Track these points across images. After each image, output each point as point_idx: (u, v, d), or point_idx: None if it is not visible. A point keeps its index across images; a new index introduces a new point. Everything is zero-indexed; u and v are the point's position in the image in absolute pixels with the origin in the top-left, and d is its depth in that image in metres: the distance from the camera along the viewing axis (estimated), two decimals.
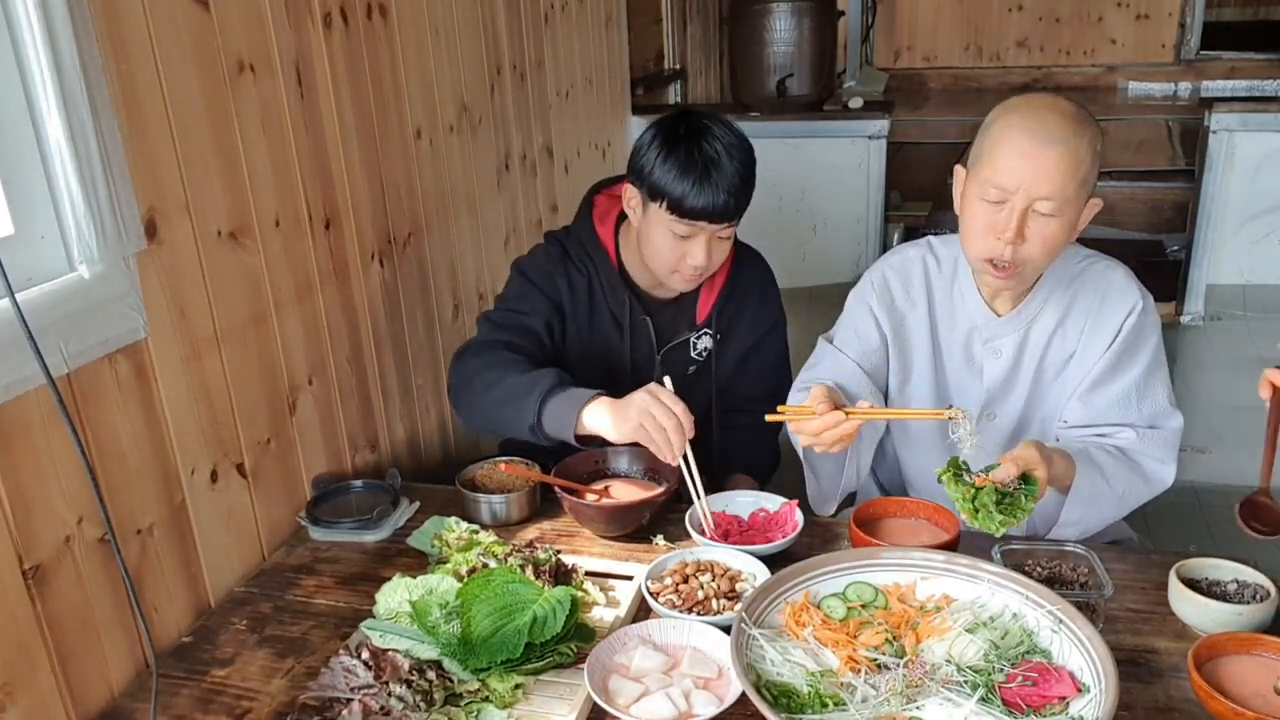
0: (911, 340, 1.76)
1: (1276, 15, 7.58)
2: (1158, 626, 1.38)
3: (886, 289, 1.76)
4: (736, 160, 1.72)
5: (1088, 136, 1.49)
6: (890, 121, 4.19)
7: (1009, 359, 1.69)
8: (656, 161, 1.72)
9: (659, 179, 1.71)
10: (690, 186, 1.69)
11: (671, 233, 1.74)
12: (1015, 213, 1.49)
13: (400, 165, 2.09)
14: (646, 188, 1.74)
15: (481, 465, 1.80)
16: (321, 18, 1.79)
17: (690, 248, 1.75)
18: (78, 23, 1.25)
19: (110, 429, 1.36)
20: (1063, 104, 1.52)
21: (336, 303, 1.88)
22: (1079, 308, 1.66)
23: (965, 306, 1.70)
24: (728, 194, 1.70)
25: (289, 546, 1.69)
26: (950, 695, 1.16)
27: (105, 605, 1.35)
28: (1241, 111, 3.95)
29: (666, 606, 1.40)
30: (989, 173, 1.51)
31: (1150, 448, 1.63)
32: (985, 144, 1.54)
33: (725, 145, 1.71)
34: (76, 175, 1.26)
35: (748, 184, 1.75)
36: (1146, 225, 4.70)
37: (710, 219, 1.71)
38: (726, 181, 1.69)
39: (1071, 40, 6.68)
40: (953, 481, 1.41)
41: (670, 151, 1.71)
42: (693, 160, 1.69)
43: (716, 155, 1.70)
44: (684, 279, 1.81)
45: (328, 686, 1.25)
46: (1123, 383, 1.64)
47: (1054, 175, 1.47)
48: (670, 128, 1.74)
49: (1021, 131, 1.49)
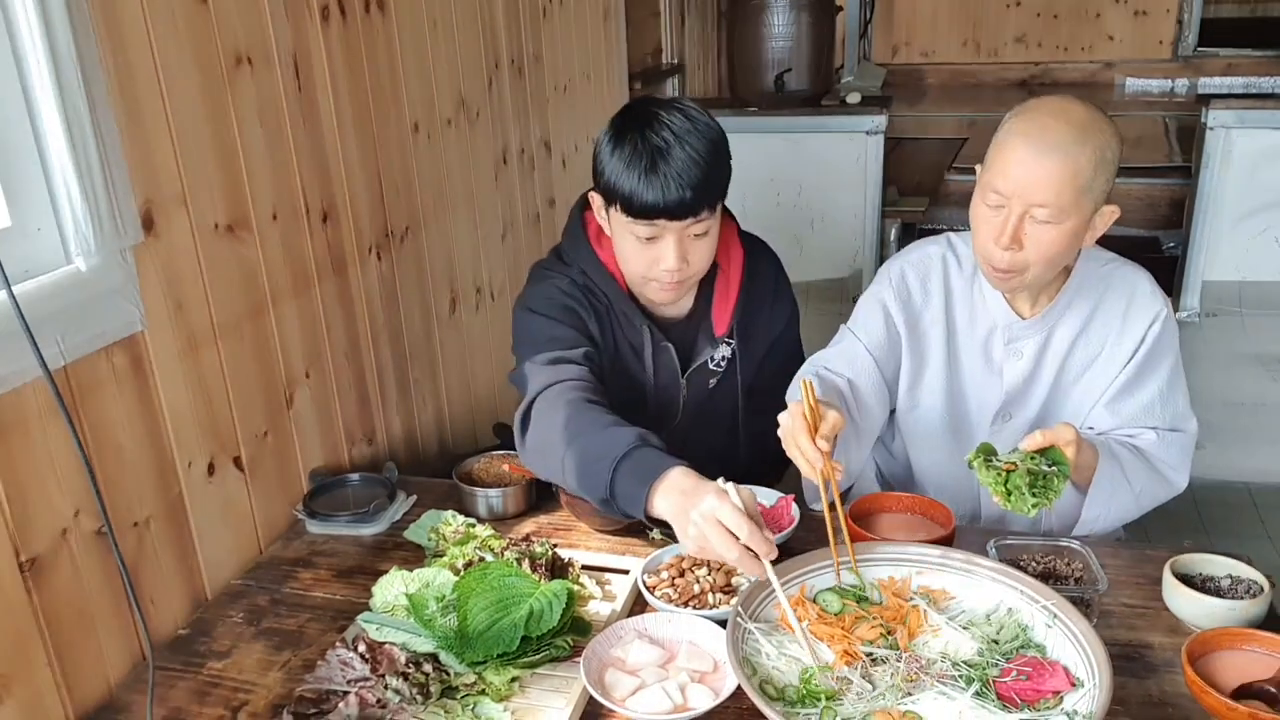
0: (927, 338, 1.74)
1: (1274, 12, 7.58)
2: (1152, 621, 1.39)
3: (904, 284, 1.74)
4: (690, 148, 1.52)
5: (1093, 144, 1.47)
6: (888, 117, 4.19)
7: (1030, 361, 1.69)
8: (606, 158, 1.57)
9: (609, 177, 1.56)
10: (638, 181, 1.52)
11: (634, 236, 1.57)
12: (1011, 218, 1.50)
13: (398, 159, 2.09)
14: (602, 189, 1.60)
15: (478, 459, 1.80)
16: (319, 11, 1.79)
17: (659, 251, 1.57)
18: (75, 14, 1.24)
19: (107, 422, 1.36)
20: (1074, 110, 1.50)
21: (334, 296, 1.88)
22: (1104, 313, 1.66)
23: (987, 306, 1.69)
24: (680, 186, 1.51)
25: (286, 539, 1.69)
26: (945, 689, 1.16)
27: (102, 598, 1.35)
28: (1239, 108, 3.95)
29: (663, 600, 1.40)
30: (989, 177, 1.52)
31: (1168, 452, 1.64)
32: (992, 147, 1.54)
33: (676, 132, 1.53)
34: (73, 168, 1.26)
35: (707, 171, 1.54)
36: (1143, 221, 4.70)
37: (667, 215, 1.53)
38: (679, 172, 1.51)
39: (1069, 36, 6.69)
40: (984, 467, 1.40)
41: (617, 145, 1.56)
42: (637, 152, 1.52)
43: (665, 144, 1.52)
44: (661, 288, 1.62)
45: (324, 679, 1.26)
46: (1148, 390, 1.65)
47: (1048, 183, 1.46)
48: (620, 119, 1.59)
49: (1020, 138, 1.49)
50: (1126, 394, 1.65)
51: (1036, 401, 1.71)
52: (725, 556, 1.25)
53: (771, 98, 4.38)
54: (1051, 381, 1.69)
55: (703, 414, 1.84)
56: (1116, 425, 1.66)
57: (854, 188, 4.19)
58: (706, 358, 1.80)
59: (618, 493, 1.39)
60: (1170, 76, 6.45)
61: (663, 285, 1.62)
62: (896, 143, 5.00)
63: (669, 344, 1.75)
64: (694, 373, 1.80)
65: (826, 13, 4.47)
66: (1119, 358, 1.66)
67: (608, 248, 1.71)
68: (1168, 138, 5.26)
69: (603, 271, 1.70)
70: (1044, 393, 1.70)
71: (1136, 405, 1.65)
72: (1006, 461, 1.40)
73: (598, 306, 1.71)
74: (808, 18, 4.36)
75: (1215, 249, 4.08)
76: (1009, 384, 1.71)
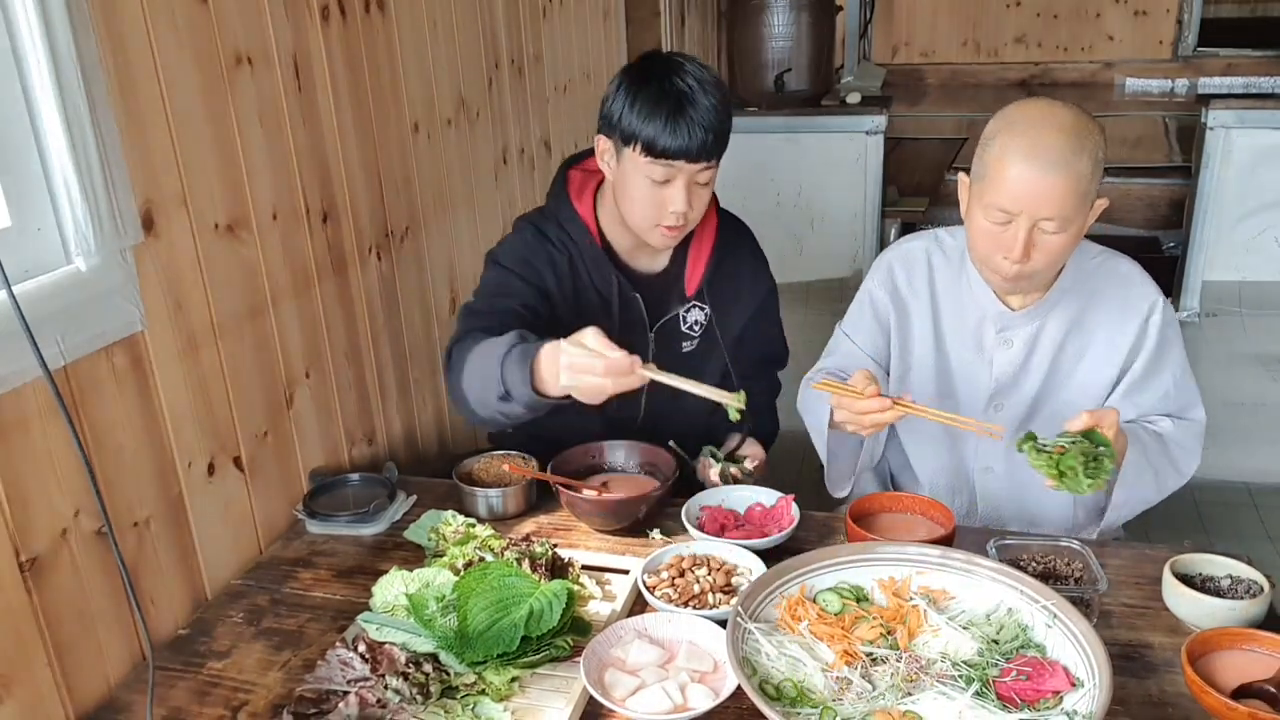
0: (913, 329, 1.77)
1: (1274, 12, 7.58)
2: (1151, 621, 1.39)
3: (890, 277, 1.79)
4: (711, 96, 1.62)
5: (1088, 149, 1.48)
6: (888, 117, 4.19)
7: (1021, 350, 1.70)
8: (626, 104, 1.63)
9: (629, 121, 1.62)
10: (663, 124, 1.60)
11: (648, 179, 1.65)
12: (1020, 233, 1.50)
13: (398, 159, 2.09)
14: (619, 134, 1.65)
15: (478, 459, 1.80)
16: (319, 11, 1.79)
17: (669, 194, 1.65)
18: (75, 15, 1.24)
19: (107, 422, 1.36)
20: (1061, 115, 1.49)
21: (334, 296, 1.88)
22: (1099, 303, 1.68)
23: (975, 298, 1.71)
24: (704, 129, 1.60)
25: (286, 539, 1.69)
26: (945, 689, 1.16)
27: (102, 598, 1.35)
28: (1238, 108, 3.95)
29: (663, 600, 1.40)
30: (992, 196, 1.51)
31: (1183, 438, 1.68)
32: (987, 162, 1.53)
33: (698, 80, 1.62)
34: (73, 168, 1.26)
35: (724, 121, 1.65)
36: (1143, 222, 4.71)
37: (688, 158, 1.62)
38: (701, 116, 1.60)
39: (1069, 36, 6.70)
40: (1033, 451, 1.43)
41: (639, 91, 1.62)
42: (664, 96, 1.60)
43: (689, 89, 1.61)
44: (665, 233, 1.71)
45: (324, 679, 1.26)
46: (1163, 379, 1.68)
47: (1054, 197, 1.47)
48: (638, 69, 1.67)
49: (1021, 156, 1.47)
50: (1143, 385, 1.68)
51: (1029, 391, 1.72)
52: (595, 367, 1.36)
53: (771, 98, 4.38)
54: (1045, 371, 1.71)
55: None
56: (1137, 415, 1.69)
57: (854, 188, 4.20)
58: (677, 315, 1.86)
59: (509, 383, 1.47)
60: (1170, 76, 6.45)
61: (666, 230, 1.70)
62: (896, 143, 5.00)
63: (637, 295, 1.81)
64: (663, 329, 1.86)
65: (826, 13, 4.47)
66: (1120, 346, 1.67)
67: (586, 202, 1.80)
68: (1168, 138, 5.27)
69: (577, 222, 1.79)
70: (1037, 382, 1.72)
71: (1154, 395, 1.68)
72: (1056, 445, 1.42)
73: (567, 254, 1.79)
74: (808, 18, 4.37)
75: (1215, 249, 4.08)
76: (999, 372, 1.72)
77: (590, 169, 1.80)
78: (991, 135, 1.54)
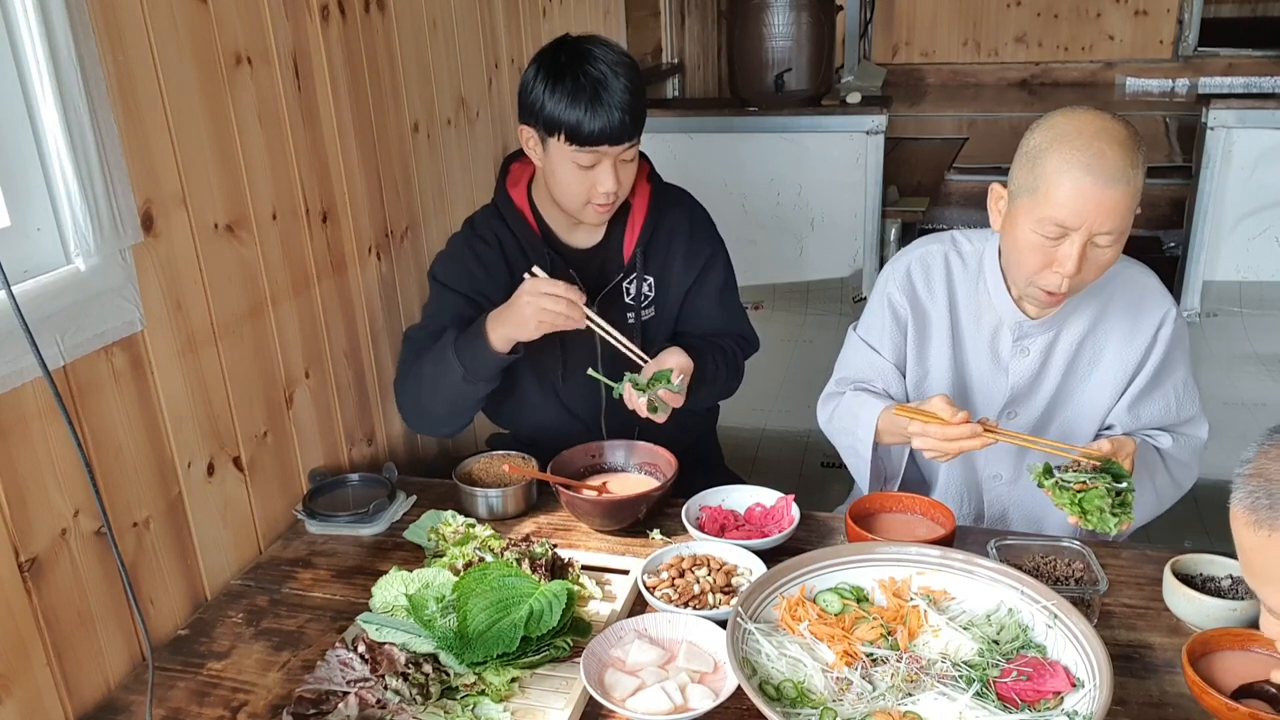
0: (930, 333, 1.75)
1: (1274, 12, 7.58)
2: (1152, 622, 1.39)
3: (909, 280, 1.75)
4: (624, 78, 1.69)
5: (1140, 161, 1.45)
6: (888, 117, 4.19)
7: (1037, 358, 1.69)
8: (545, 95, 1.69)
9: (551, 111, 1.68)
10: (584, 113, 1.66)
11: (575, 164, 1.72)
12: (1076, 247, 1.46)
13: (397, 159, 2.09)
14: (541, 125, 1.71)
15: (478, 459, 1.80)
16: (319, 11, 1.79)
17: (597, 176, 1.72)
18: (74, 14, 1.24)
19: (107, 422, 1.36)
20: (1114, 129, 1.45)
21: (334, 296, 1.88)
22: (1113, 312, 1.67)
23: (993, 305, 1.69)
24: (622, 112, 1.67)
25: (285, 540, 1.69)
26: (945, 690, 1.16)
27: (101, 598, 1.35)
28: (1239, 108, 3.94)
29: (663, 600, 1.40)
30: (1048, 210, 1.45)
31: (1182, 454, 1.67)
32: (1040, 176, 1.46)
33: (610, 65, 1.69)
34: (73, 167, 1.26)
35: (639, 100, 1.71)
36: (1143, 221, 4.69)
37: (610, 141, 1.69)
38: (618, 100, 1.67)
39: (1070, 36, 6.69)
40: (1056, 489, 1.41)
41: (557, 82, 1.68)
42: (580, 86, 1.66)
43: (603, 75, 1.67)
44: (596, 210, 1.78)
45: (324, 679, 1.25)
46: (1165, 392, 1.68)
47: (1114, 211, 1.44)
48: (551, 59, 1.72)
49: (1082, 170, 1.42)
50: (1145, 397, 1.67)
51: (1043, 399, 1.72)
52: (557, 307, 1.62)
53: (771, 98, 4.37)
54: (1059, 379, 1.70)
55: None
56: (1137, 427, 1.68)
57: (854, 188, 4.19)
58: (620, 287, 1.90)
59: (464, 359, 1.70)
60: (1170, 76, 6.45)
61: (598, 207, 1.78)
62: (896, 143, 5.00)
63: (571, 270, 1.86)
64: (605, 300, 1.88)
65: (826, 13, 4.47)
66: (1130, 356, 1.66)
67: (521, 190, 1.89)
68: (1168, 138, 5.26)
69: (513, 210, 1.88)
70: (1050, 390, 1.71)
71: (1156, 407, 1.68)
72: (1078, 481, 1.41)
73: (498, 243, 1.88)
74: (808, 18, 4.36)
75: (1216, 249, 4.08)
76: (1015, 380, 1.71)
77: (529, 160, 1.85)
78: (1043, 148, 1.47)
